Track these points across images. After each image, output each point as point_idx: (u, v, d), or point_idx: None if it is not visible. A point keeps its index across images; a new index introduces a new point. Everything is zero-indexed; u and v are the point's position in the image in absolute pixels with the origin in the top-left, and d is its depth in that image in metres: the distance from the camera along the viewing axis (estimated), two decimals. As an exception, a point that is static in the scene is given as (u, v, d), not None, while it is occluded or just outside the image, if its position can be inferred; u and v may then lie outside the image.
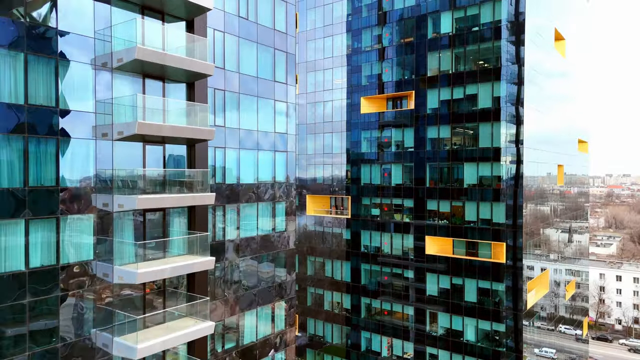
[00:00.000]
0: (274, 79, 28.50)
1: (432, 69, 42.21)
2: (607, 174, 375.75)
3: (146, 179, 19.32)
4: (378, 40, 45.56)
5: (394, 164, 44.42)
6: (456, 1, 40.53)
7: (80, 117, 17.69)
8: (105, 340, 17.88)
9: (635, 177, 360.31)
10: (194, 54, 20.10)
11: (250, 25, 26.72)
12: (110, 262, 18.14)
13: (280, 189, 29.35)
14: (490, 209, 38.82)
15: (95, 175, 18.08)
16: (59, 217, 17.04)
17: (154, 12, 19.93)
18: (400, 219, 43.96)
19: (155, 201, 18.13)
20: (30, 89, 16.30)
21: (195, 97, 21.43)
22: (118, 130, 18.07)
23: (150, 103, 19.41)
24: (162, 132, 18.31)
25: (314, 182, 50.53)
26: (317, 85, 50.24)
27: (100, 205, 18.08)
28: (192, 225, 21.30)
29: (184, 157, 21.39)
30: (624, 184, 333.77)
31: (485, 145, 39.16)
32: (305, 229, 50.63)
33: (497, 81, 38.42)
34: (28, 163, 16.25)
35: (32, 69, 16.35)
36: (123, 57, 17.89)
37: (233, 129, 25.83)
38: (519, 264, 37.09)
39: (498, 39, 38.46)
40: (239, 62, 26.07)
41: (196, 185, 20.59)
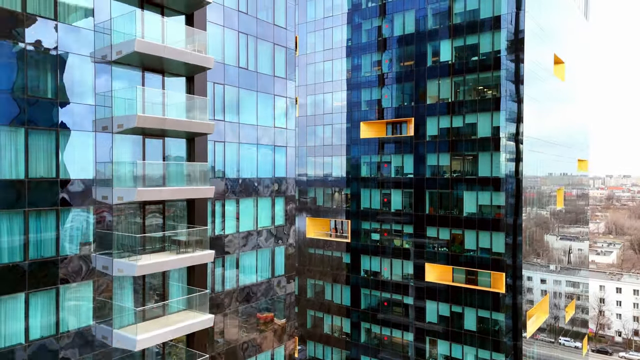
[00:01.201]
0: (274, 125, 28.60)
1: (432, 96, 42.32)
2: (607, 174, 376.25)
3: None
4: (378, 66, 45.68)
5: (393, 189, 44.54)
6: (456, 30, 40.65)
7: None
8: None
9: (635, 177, 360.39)
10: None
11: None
12: (110, 325, 18.27)
13: (279, 231, 29.46)
14: (490, 238, 38.94)
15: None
16: (58, 287, 17.17)
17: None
18: (400, 245, 44.09)
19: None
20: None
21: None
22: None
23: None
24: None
25: (313, 204, 50.67)
26: (317, 108, 50.37)
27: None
28: (191, 279, 21.41)
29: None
30: (624, 185, 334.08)
31: (484, 174, 39.27)
32: (305, 251, 50.75)
33: (497, 111, 38.54)
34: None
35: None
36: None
37: (234, 179, 25.96)
38: (519, 298, 37.19)
39: (497, 69, 38.57)
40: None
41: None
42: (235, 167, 25.70)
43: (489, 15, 38.97)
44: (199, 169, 20.40)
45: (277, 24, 28.53)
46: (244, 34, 25.66)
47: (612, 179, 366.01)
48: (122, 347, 17.78)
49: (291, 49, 29.03)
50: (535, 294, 42.33)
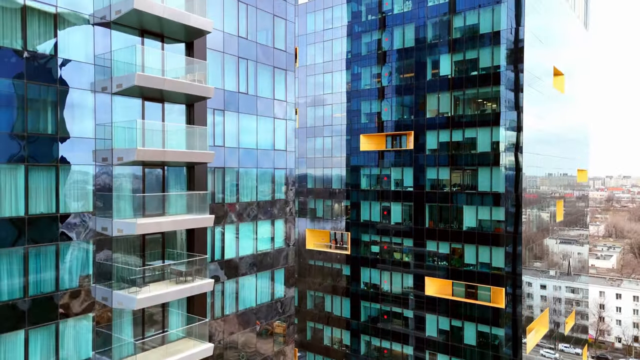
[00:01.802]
0: (273, 147, 28.59)
1: (431, 109, 42.34)
2: (607, 175, 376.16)
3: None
4: (377, 79, 45.69)
5: (393, 202, 44.56)
6: (455, 45, 40.66)
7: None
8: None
9: (635, 178, 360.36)
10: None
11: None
12: (110, 357, 18.29)
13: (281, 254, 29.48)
14: (490, 253, 38.97)
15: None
16: (58, 322, 17.20)
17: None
18: (400, 258, 44.11)
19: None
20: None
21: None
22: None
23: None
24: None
25: (313, 215, 50.69)
26: (316, 120, 50.39)
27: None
28: (191, 307, 21.42)
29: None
30: (624, 186, 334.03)
31: (484, 188, 39.30)
32: (305, 262, 50.78)
33: (497, 126, 38.56)
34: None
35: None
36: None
37: (231, 202, 25.99)
38: (519, 314, 37.22)
39: (497, 84, 38.59)
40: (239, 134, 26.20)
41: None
42: (234, 191, 25.74)
43: (489, 30, 38.98)
44: (198, 199, 20.42)
45: (276, 47, 28.63)
46: (244, 58, 25.66)
47: (612, 179, 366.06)
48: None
49: (291, 71, 29.06)
50: (535, 300, 42.25)
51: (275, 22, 27.92)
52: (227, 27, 25.25)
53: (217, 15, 24.59)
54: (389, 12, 44.55)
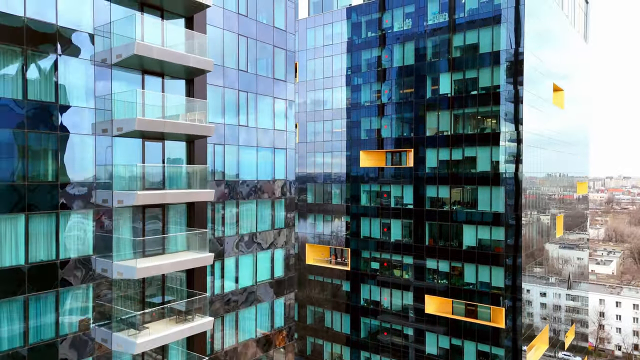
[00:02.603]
0: (273, 177, 28.60)
1: (431, 127, 42.36)
2: (607, 176, 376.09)
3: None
4: (377, 96, 45.71)
5: (393, 219, 44.58)
6: (455, 63, 40.69)
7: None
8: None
9: (636, 179, 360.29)
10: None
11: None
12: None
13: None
14: (490, 272, 39.01)
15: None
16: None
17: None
18: (400, 275, 44.15)
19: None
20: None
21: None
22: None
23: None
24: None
25: (313, 231, 50.69)
26: (316, 136, 50.41)
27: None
28: (191, 345, 21.45)
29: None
30: (624, 187, 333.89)
31: (484, 208, 39.33)
32: (305, 277, 50.79)
33: (496, 146, 38.61)
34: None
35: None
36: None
37: (232, 236, 26.01)
38: (518, 326, 37.25)
39: (497, 104, 38.61)
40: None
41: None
42: (234, 224, 25.83)
43: (488, 50, 39.02)
44: (198, 238, 20.48)
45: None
46: (244, 91, 25.69)
47: (612, 180, 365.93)
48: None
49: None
50: (535, 308, 42.17)
51: (275, 55, 27.97)
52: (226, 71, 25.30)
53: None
54: (389, 29, 44.58)
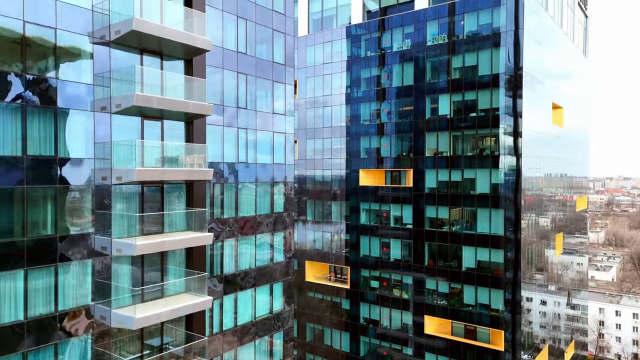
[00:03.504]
0: (273, 211, 28.63)
1: (430, 148, 42.41)
2: (607, 177, 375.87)
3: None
4: (377, 115, 45.75)
5: (392, 238, 44.64)
6: (454, 85, 40.72)
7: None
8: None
9: (636, 179, 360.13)
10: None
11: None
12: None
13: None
14: (489, 295, 39.07)
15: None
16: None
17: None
18: (400, 295, 44.22)
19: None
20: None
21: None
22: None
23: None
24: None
25: (313, 247, 50.73)
26: (315, 153, 50.44)
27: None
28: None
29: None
30: (624, 188, 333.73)
31: (483, 230, 39.39)
32: (304, 294, 50.86)
33: (496, 168, 38.65)
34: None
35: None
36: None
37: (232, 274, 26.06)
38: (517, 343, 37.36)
39: (496, 127, 38.66)
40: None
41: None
42: (233, 261, 25.85)
43: (487, 72, 39.06)
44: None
45: (276, 111, 28.60)
46: (243, 128, 25.75)
47: (612, 181, 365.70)
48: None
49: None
50: (535, 317, 42.15)
51: (274, 89, 28.02)
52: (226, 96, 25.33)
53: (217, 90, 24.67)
54: (388, 49, 44.61)
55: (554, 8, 45.41)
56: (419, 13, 42.43)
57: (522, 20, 37.25)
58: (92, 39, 18.13)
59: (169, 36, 18.65)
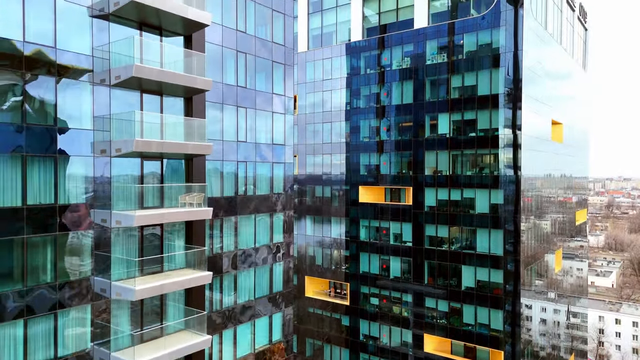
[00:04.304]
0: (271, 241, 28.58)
1: (430, 167, 42.45)
2: (607, 178, 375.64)
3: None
4: (376, 132, 45.78)
5: (392, 256, 44.67)
6: (454, 105, 40.75)
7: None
8: None
9: (636, 180, 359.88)
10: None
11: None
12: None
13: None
14: (488, 314, 39.11)
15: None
16: None
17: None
18: (399, 312, 44.26)
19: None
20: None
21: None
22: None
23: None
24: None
25: (312, 262, 50.77)
26: (315, 168, 50.48)
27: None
28: None
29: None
30: (624, 189, 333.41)
31: (483, 250, 39.42)
32: (304, 310, 50.91)
33: (495, 189, 38.68)
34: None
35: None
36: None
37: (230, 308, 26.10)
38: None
39: (495, 147, 38.69)
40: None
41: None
42: (232, 292, 25.91)
43: (487, 93, 39.08)
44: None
45: (275, 142, 28.61)
46: (244, 161, 25.77)
47: (612, 182, 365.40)
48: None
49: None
50: (535, 324, 42.14)
51: (274, 122, 28.08)
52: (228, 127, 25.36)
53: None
54: (388, 66, 44.63)
55: (553, 25, 45.42)
56: (419, 32, 42.45)
57: (522, 41, 37.27)
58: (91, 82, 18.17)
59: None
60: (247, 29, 25.92)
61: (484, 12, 39.40)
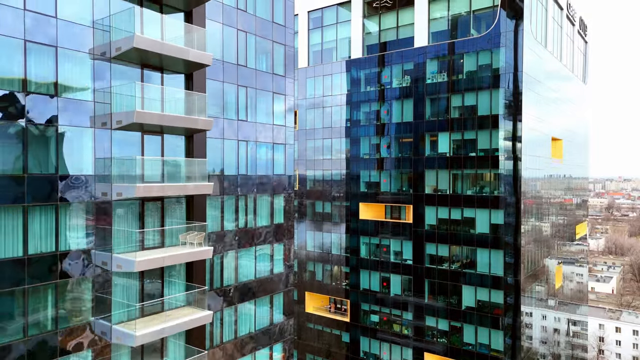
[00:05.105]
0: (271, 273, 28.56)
1: (430, 185, 42.47)
2: (607, 178, 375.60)
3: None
4: (376, 150, 45.81)
5: (392, 273, 44.69)
6: (453, 124, 40.78)
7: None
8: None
9: (636, 181, 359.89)
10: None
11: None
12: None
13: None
14: (489, 335, 39.14)
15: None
16: None
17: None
18: (399, 330, 44.29)
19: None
20: None
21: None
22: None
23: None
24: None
25: (312, 278, 50.79)
26: (316, 183, 50.50)
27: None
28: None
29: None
30: (624, 190, 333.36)
31: (483, 270, 39.45)
32: (304, 326, 50.95)
33: (495, 209, 38.71)
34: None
35: None
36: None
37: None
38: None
39: (496, 167, 38.72)
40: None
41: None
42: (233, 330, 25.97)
43: (487, 113, 39.11)
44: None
45: (276, 173, 28.66)
46: (244, 193, 25.82)
47: (612, 182, 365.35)
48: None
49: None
50: (535, 332, 42.12)
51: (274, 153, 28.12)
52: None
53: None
54: (388, 84, 44.66)
55: (553, 43, 45.45)
56: (419, 50, 42.48)
57: (522, 63, 37.29)
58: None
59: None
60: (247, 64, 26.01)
61: (484, 32, 39.44)
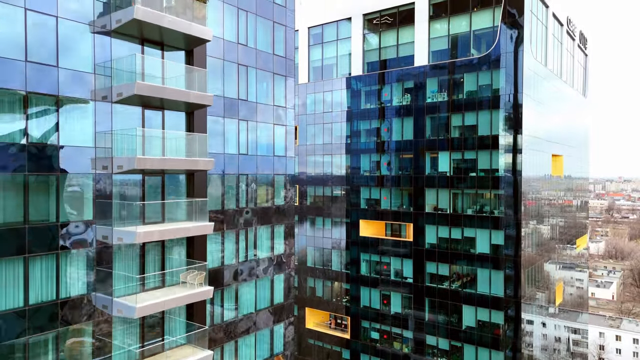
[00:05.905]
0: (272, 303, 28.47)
1: (430, 204, 42.45)
2: (607, 179, 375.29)
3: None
4: (377, 167, 45.78)
5: (393, 291, 44.67)
6: (454, 143, 40.76)
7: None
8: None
9: (636, 181, 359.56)
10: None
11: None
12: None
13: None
14: (489, 355, 39.13)
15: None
16: None
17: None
18: (400, 349, 44.28)
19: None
20: None
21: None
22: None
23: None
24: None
25: (313, 294, 50.77)
26: (316, 199, 50.47)
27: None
28: None
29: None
30: (624, 191, 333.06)
31: (483, 290, 39.44)
32: (305, 341, 50.94)
33: (496, 229, 38.70)
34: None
35: None
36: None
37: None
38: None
39: (496, 188, 38.71)
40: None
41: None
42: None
43: (487, 133, 39.09)
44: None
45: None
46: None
47: (612, 183, 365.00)
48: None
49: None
50: (535, 340, 42.13)
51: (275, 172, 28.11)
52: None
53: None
54: (388, 102, 44.65)
55: (553, 60, 45.42)
56: (419, 69, 42.45)
57: (522, 84, 37.27)
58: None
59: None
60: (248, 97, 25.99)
61: (484, 51, 39.42)
